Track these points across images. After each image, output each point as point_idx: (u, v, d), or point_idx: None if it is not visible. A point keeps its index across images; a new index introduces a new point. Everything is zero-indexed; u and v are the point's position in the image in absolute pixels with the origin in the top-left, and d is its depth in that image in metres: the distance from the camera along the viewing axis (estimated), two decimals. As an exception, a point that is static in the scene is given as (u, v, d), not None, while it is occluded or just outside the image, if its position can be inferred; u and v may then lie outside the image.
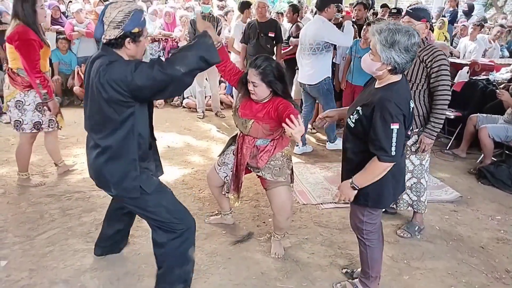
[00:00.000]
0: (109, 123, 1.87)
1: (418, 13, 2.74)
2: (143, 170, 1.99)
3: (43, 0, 3.22)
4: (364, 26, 4.89)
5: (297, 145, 4.60)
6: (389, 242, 2.87)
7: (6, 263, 2.50)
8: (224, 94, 6.49)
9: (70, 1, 7.91)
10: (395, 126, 1.83)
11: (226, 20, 6.86)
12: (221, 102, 6.21)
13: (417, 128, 2.79)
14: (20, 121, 3.28)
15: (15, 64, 3.15)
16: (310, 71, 4.34)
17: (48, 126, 3.43)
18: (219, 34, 5.70)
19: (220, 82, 6.36)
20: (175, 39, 6.70)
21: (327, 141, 4.74)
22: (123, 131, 1.88)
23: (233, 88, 2.89)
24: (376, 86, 1.99)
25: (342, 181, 2.14)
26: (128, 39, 1.87)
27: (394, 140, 1.84)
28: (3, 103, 5.61)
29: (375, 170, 1.93)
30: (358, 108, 1.97)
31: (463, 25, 7.74)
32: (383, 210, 3.15)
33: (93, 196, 3.36)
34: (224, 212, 3.00)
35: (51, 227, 2.89)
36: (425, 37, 2.79)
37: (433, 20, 7.42)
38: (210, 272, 2.50)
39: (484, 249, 2.86)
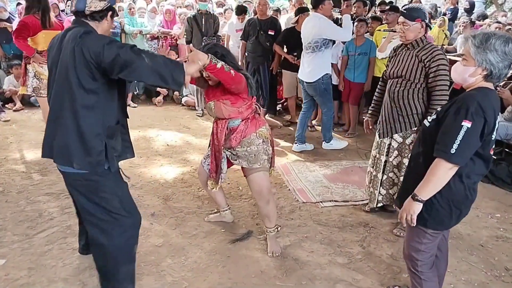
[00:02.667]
0: (74, 93, 1.83)
1: (412, 14, 2.72)
2: (109, 149, 1.95)
3: None
4: (356, 23, 4.88)
5: (296, 143, 4.60)
6: (388, 240, 2.87)
7: (4, 262, 2.49)
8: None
9: (69, -1, 7.87)
10: (466, 124, 1.66)
11: (225, 18, 6.84)
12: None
13: (415, 126, 2.80)
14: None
15: None
16: (308, 68, 4.32)
17: None
18: (216, 31, 5.70)
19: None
20: (174, 37, 6.69)
21: (323, 141, 4.73)
22: (88, 103, 1.85)
23: None
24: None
25: (401, 187, 2.03)
26: (110, 12, 1.94)
27: (459, 138, 1.66)
28: (1, 101, 5.62)
29: (435, 171, 1.73)
30: (439, 109, 1.86)
31: (464, 22, 7.71)
32: (381, 207, 3.18)
33: (92, 194, 3.35)
34: (222, 209, 3.00)
35: (50, 226, 2.89)
36: (424, 36, 2.78)
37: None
38: (209, 271, 2.50)
39: (483, 247, 2.86)
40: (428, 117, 1.90)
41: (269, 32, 5.29)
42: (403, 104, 2.81)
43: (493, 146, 1.86)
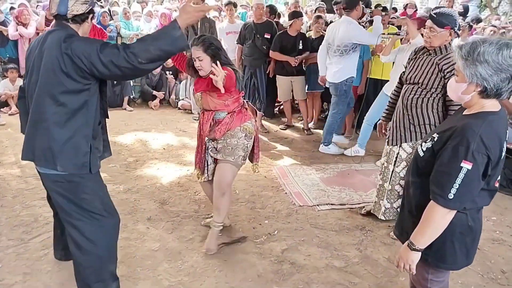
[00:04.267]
0: (58, 97, 1.83)
1: (442, 20, 2.55)
2: (93, 150, 1.95)
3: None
4: None
5: (324, 144, 4.65)
6: (385, 243, 2.88)
7: (-1, 267, 2.48)
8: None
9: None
10: (466, 165, 1.44)
11: (221, 22, 6.85)
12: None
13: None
14: None
15: None
16: (335, 69, 4.41)
17: None
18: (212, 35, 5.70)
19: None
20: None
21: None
22: (77, 105, 1.86)
23: None
24: (464, 113, 1.61)
25: (397, 222, 1.85)
26: (91, 15, 1.96)
27: (458, 181, 1.45)
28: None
29: (430, 217, 1.53)
30: (435, 135, 1.61)
31: (461, 26, 7.78)
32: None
33: (88, 198, 3.34)
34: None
35: (45, 230, 2.87)
36: (449, 43, 2.64)
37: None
38: (206, 275, 2.49)
39: (480, 250, 2.85)
40: (423, 144, 1.66)
41: (265, 36, 5.30)
42: (416, 112, 2.70)
43: (498, 178, 1.63)
